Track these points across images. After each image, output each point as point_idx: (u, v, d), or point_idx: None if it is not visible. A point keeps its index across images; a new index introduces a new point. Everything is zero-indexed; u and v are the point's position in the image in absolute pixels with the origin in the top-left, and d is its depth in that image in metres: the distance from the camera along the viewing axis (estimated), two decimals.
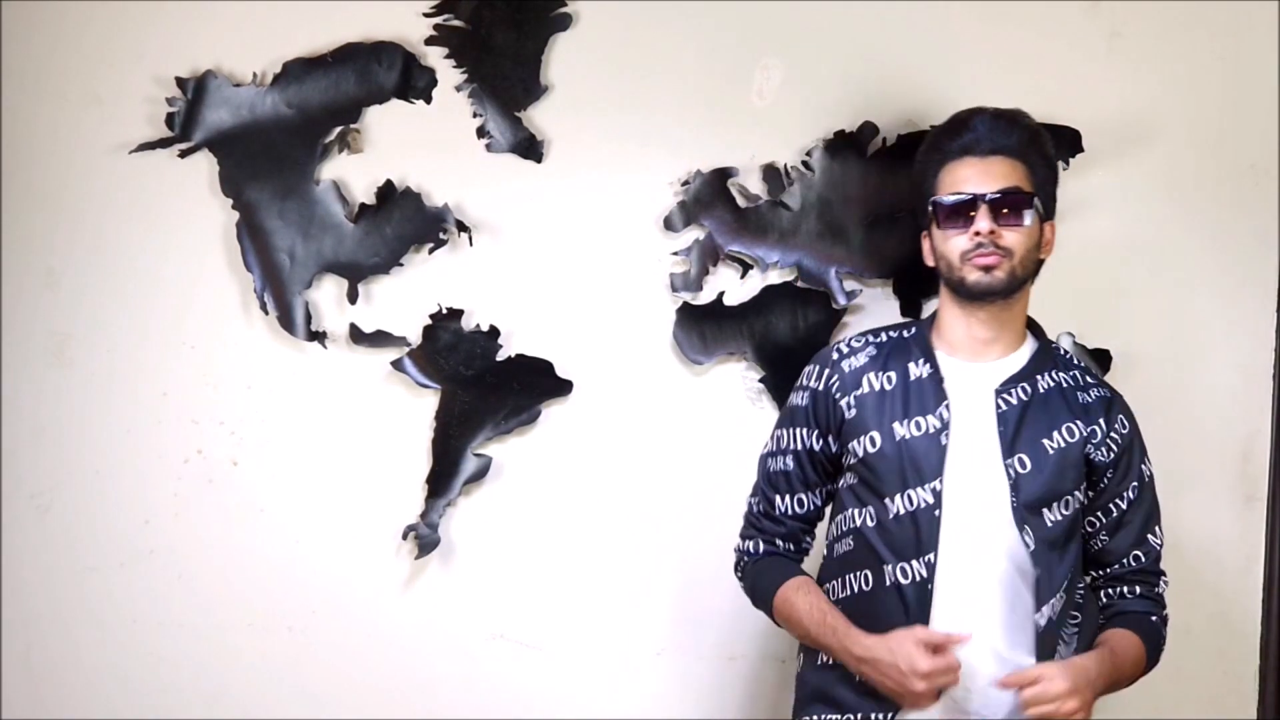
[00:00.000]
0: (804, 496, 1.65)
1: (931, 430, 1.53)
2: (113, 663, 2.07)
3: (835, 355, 1.64)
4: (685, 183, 1.99)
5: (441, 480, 2.02)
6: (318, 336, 2.03)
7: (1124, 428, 1.60)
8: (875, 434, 1.55)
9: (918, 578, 1.50)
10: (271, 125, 2.01)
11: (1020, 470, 1.52)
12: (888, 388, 1.58)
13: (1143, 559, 1.62)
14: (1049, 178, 1.62)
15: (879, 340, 1.65)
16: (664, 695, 2.02)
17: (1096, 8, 1.97)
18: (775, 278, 2.00)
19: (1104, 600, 1.64)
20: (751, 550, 1.68)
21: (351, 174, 2.02)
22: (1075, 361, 1.67)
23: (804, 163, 1.99)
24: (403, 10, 2.00)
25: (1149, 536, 1.62)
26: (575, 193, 2.02)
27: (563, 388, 2.01)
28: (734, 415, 2.01)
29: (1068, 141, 1.95)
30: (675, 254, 2.00)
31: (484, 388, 2.01)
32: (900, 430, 1.54)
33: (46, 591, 2.08)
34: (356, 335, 2.02)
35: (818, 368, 1.65)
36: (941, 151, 1.60)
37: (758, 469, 1.70)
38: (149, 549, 2.07)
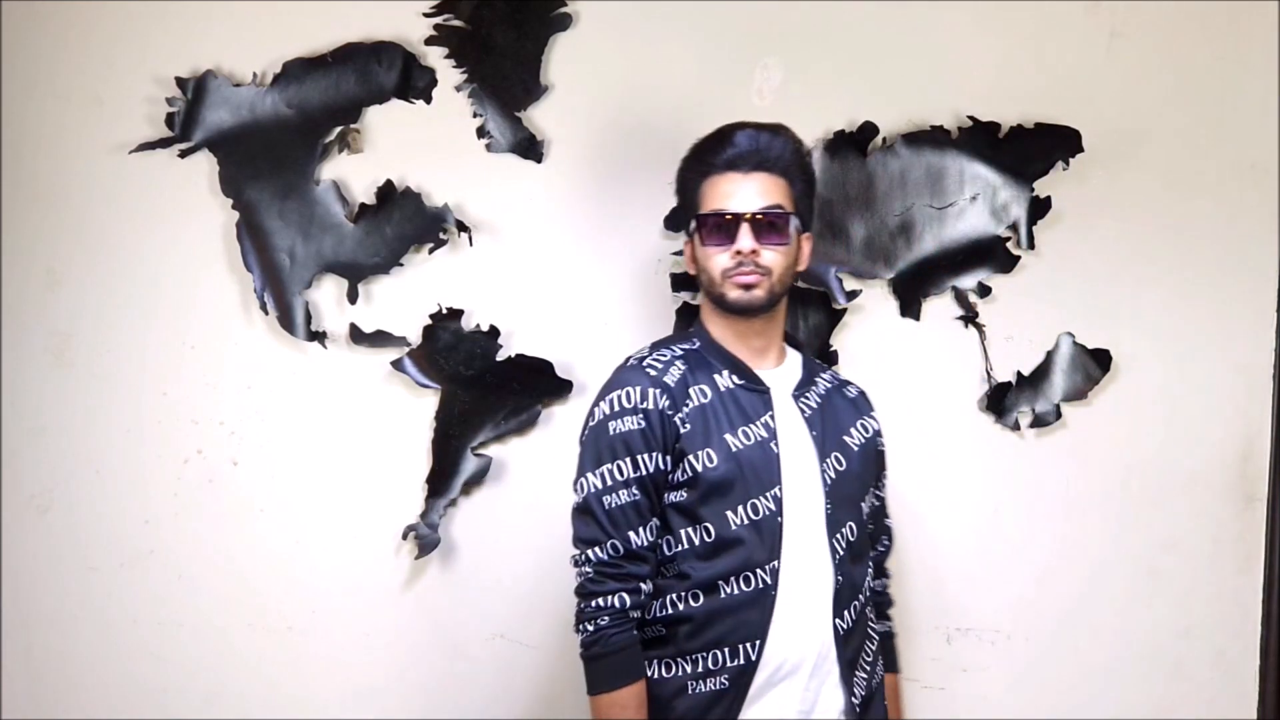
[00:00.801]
0: (654, 523, 1.54)
1: (759, 439, 1.53)
2: (113, 663, 2.07)
3: (652, 371, 1.56)
4: None
5: (441, 480, 2.02)
6: (318, 336, 2.03)
7: (876, 421, 1.71)
8: (710, 449, 1.51)
9: (762, 584, 1.49)
10: (271, 125, 2.02)
11: (836, 470, 1.57)
12: (704, 401, 1.54)
13: (888, 543, 1.74)
14: (807, 191, 1.64)
15: (677, 353, 1.60)
16: None
17: (1096, 8, 1.97)
18: None
19: (875, 589, 1.71)
20: (616, 605, 1.50)
21: (351, 174, 2.03)
22: (822, 364, 1.77)
23: None
24: (403, 10, 2.00)
25: (887, 522, 1.74)
26: (575, 193, 2.02)
27: (563, 388, 2.01)
28: None
29: (1068, 141, 1.95)
30: (675, 254, 2.00)
31: (484, 388, 2.01)
32: (733, 442, 1.52)
33: (47, 591, 2.08)
34: (356, 335, 2.02)
35: (640, 388, 1.53)
36: (705, 164, 1.61)
37: (583, 519, 1.53)
38: (149, 549, 2.07)
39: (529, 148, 2.01)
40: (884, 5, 1.98)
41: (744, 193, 1.56)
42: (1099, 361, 1.98)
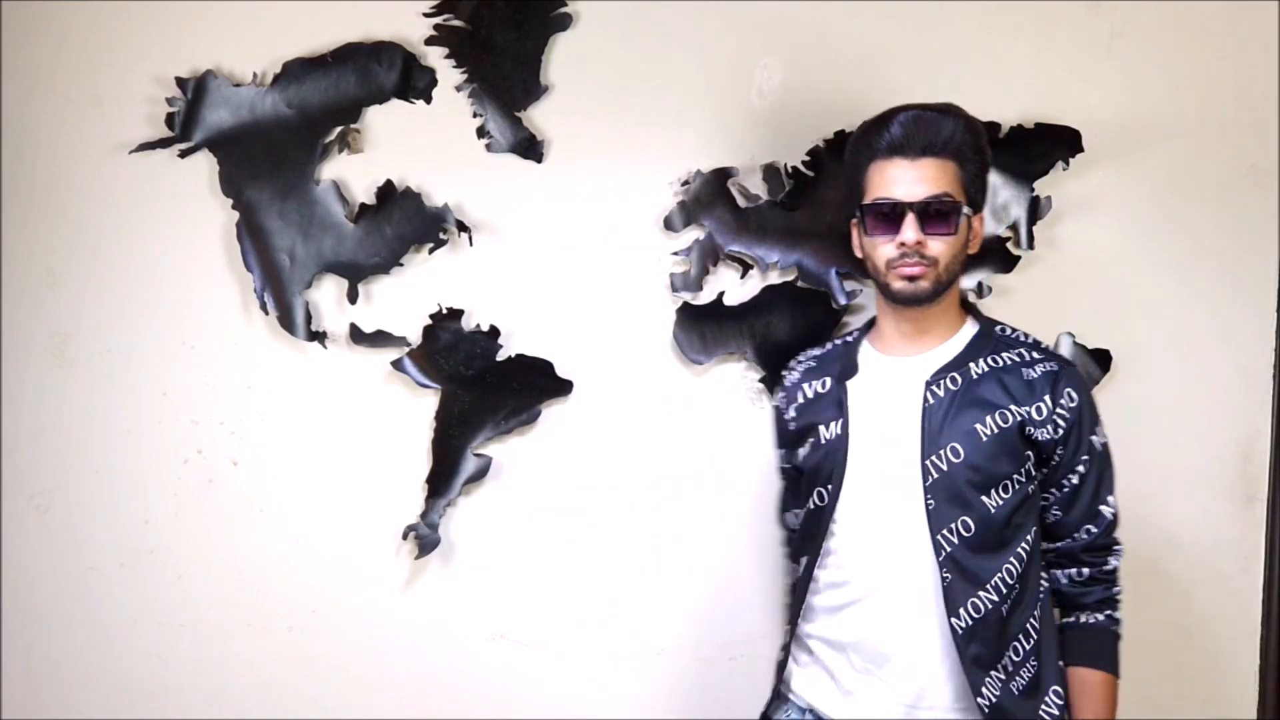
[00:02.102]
0: (797, 511, 1.72)
1: (837, 434, 1.59)
2: (113, 663, 2.07)
3: (785, 372, 1.78)
4: (685, 183, 1.99)
5: (441, 480, 2.02)
6: (318, 336, 2.03)
7: (1072, 400, 1.55)
8: (810, 441, 1.63)
9: (806, 571, 1.62)
10: (271, 125, 2.01)
11: (950, 463, 1.51)
12: (811, 396, 1.66)
13: (1094, 530, 1.60)
14: (980, 172, 1.59)
15: (823, 350, 1.75)
16: (664, 695, 2.02)
17: (1096, 8, 1.97)
18: (775, 278, 2.00)
19: (1063, 583, 1.61)
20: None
21: (351, 174, 2.03)
22: (1022, 338, 1.63)
23: (804, 163, 1.99)
24: (403, 10, 2.00)
25: (1101, 508, 1.60)
26: (575, 193, 2.02)
27: (563, 388, 2.01)
28: (734, 415, 2.01)
29: (1068, 141, 1.95)
30: (675, 254, 2.00)
31: (484, 388, 2.01)
32: (824, 434, 1.61)
33: (46, 591, 2.08)
34: (356, 335, 2.02)
35: (778, 390, 1.77)
36: (872, 148, 1.57)
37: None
38: (149, 549, 2.07)
39: (529, 148, 2.01)
40: (884, 5, 1.98)
41: (910, 180, 1.52)
42: (1099, 361, 1.98)
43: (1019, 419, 1.53)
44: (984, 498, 1.51)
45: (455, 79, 2.01)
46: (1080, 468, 1.57)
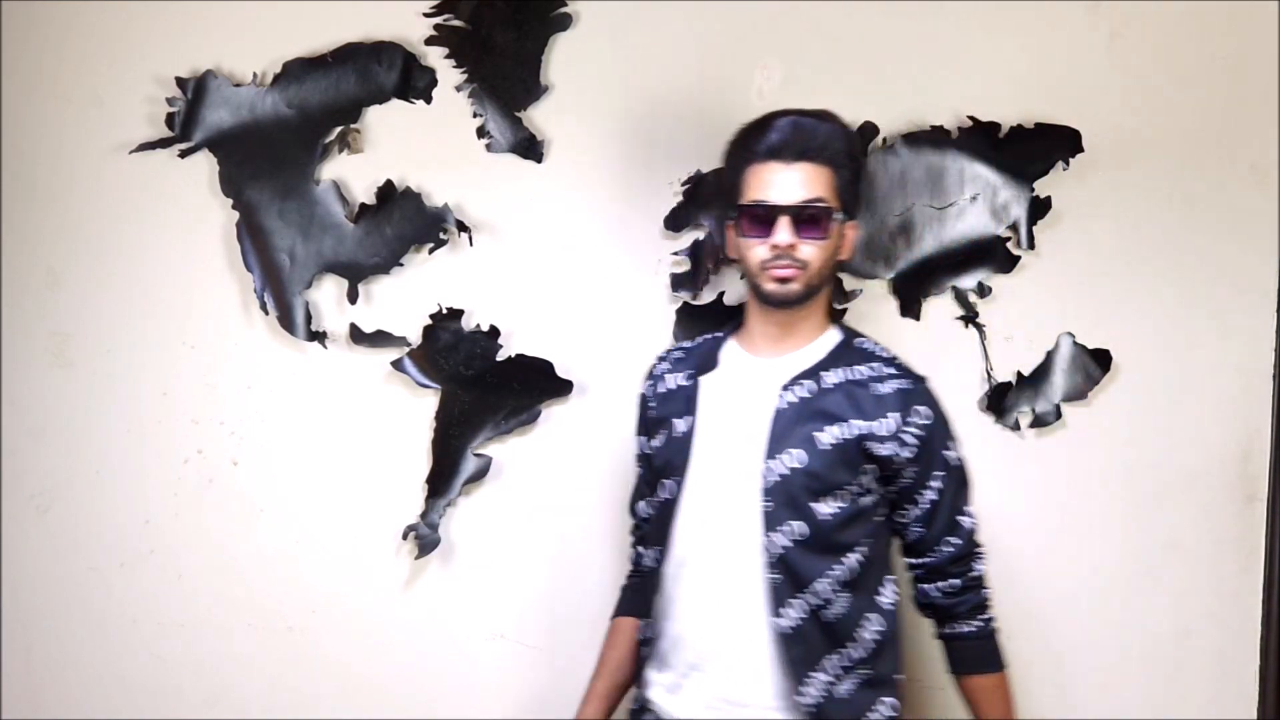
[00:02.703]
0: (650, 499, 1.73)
1: (687, 428, 1.61)
2: (113, 663, 2.07)
3: (653, 363, 1.77)
4: (686, 183, 1.99)
5: (441, 480, 2.02)
6: (318, 336, 2.03)
7: (923, 418, 1.56)
8: (662, 432, 1.65)
9: (654, 563, 1.64)
10: (271, 125, 2.01)
11: (790, 468, 1.52)
12: (682, 385, 1.67)
13: (957, 542, 1.60)
14: (854, 179, 1.61)
15: (695, 343, 1.75)
16: None
17: (1096, 8, 1.97)
18: None
19: (935, 596, 1.63)
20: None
21: (351, 174, 2.02)
22: (880, 353, 1.63)
23: None
24: (403, 10, 2.00)
25: (959, 519, 1.61)
26: (575, 193, 2.02)
27: (563, 388, 2.01)
28: None
29: (1068, 142, 1.95)
30: (675, 254, 2.00)
31: (484, 388, 2.01)
32: (677, 426, 1.63)
33: (47, 591, 2.08)
34: (356, 335, 2.02)
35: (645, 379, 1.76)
36: (748, 151, 1.58)
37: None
38: (149, 549, 2.07)
39: (529, 148, 2.01)
40: (884, 5, 1.98)
41: (785, 184, 1.54)
42: (1099, 361, 1.98)
43: (860, 432, 1.54)
44: (817, 504, 1.52)
45: (455, 79, 2.01)
46: (936, 484, 1.58)
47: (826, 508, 1.53)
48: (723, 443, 1.58)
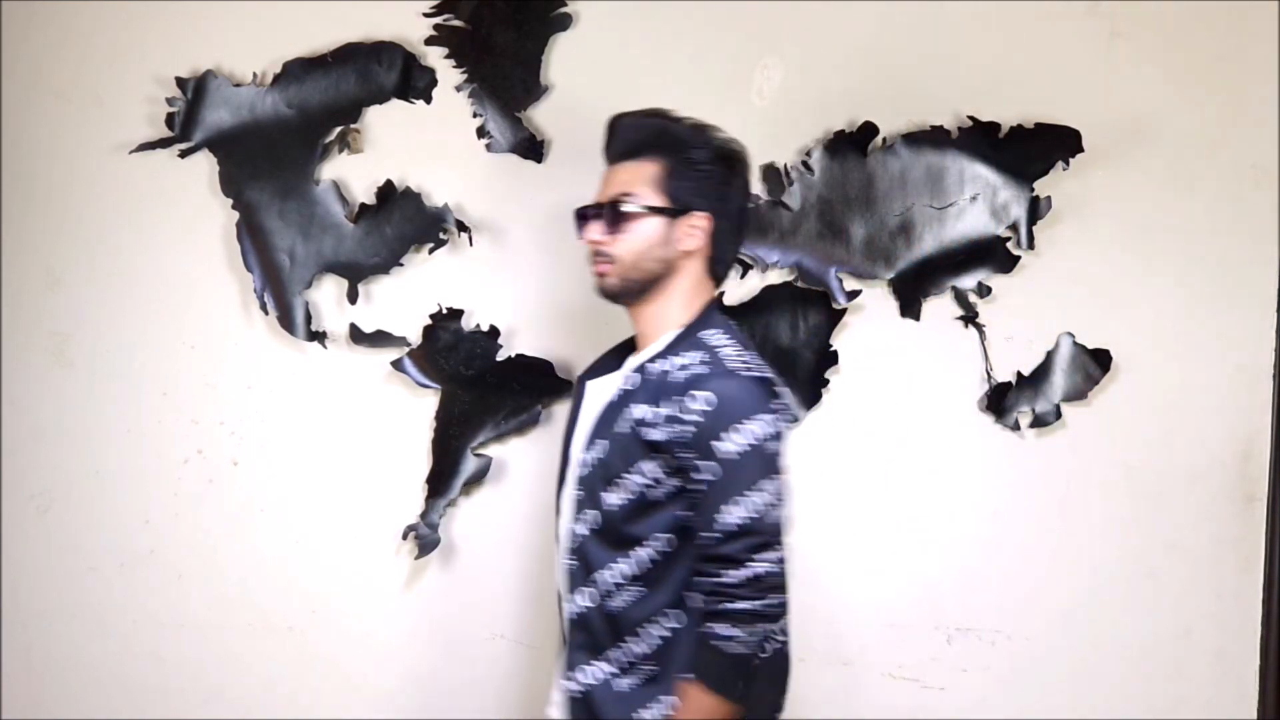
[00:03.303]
0: None
1: (567, 430, 1.64)
2: (113, 663, 2.07)
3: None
4: None
5: (441, 480, 2.02)
6: (318, 336, 2.03)
7: (704, 404, 1.45)
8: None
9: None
10: (271, 125, 2.01)
11: (597, 458, 1.53)
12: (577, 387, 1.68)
13: (715, 538, 1.46)
14: (685, 171, 1.55)
15: (614, 346, 1.70)
16: None
17: (1096, 8, 1.97)
18: (775, 278, 2.00)
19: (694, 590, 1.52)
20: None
21: (351, 174, 2.03)
22: (713, 343, 1.53)
23: (804, 163, 1.99)
24: (403, 10, 2.00)
25: (721, 517, 1.45)
26: (575, 193, 2.01)
27: (563, 388, 2.01)
28: None
29: (1068, 142, 1.95)
30: None
31: (484, 388, 2.01)
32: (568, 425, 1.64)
33: (47, 591, 2.08)
34: (356, 335, 2.02)
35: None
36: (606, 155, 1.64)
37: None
38: (149, 549, 2.07)
39: (529, 148, 2.01)
40: (884, 5, 1.98)
41: (605, 184, 1.59)
42: (1099, 361, 1.98)
43: (635, 418, 1.49)
44: (606, 494, 1.52)
45: (455, 79, 2.01)
46: (707, 474, 1.46)
47: (614, 498, 1.51)
48: (577, 440, 1.61)
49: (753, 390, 1.47)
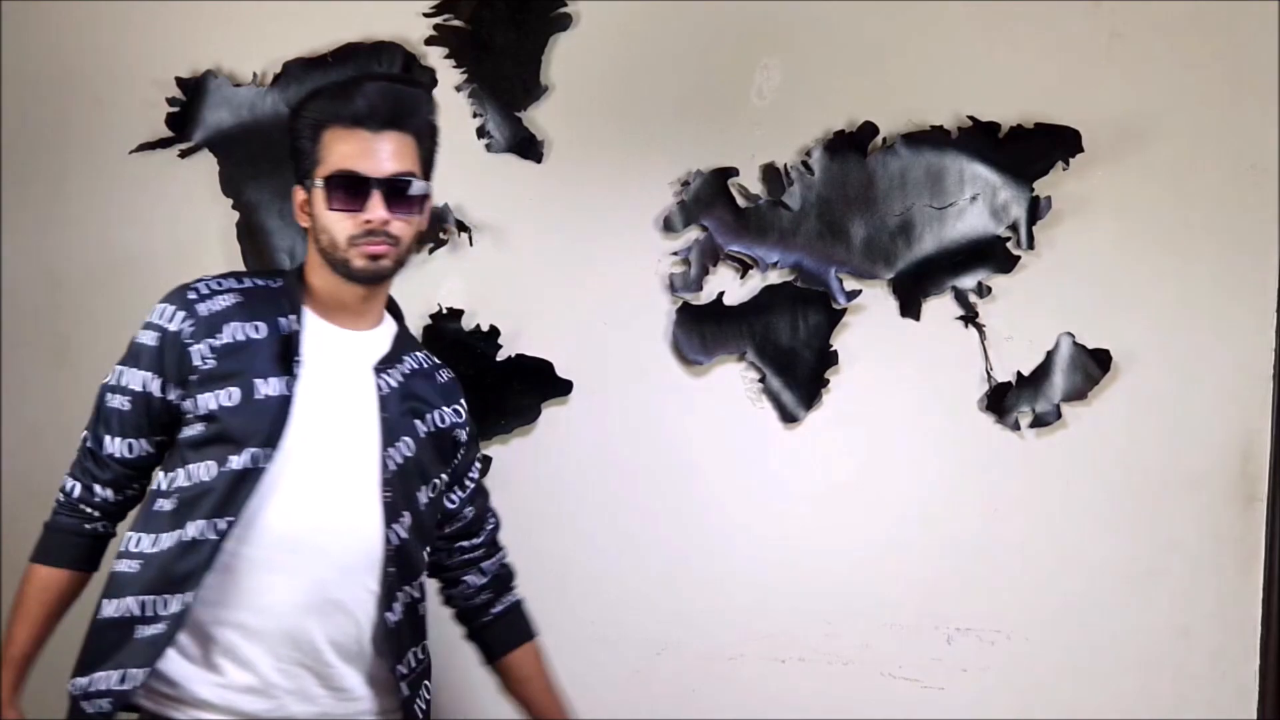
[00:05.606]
0: (134, 442, 1.50)
1: (280, 392, 1.45)
2: None
3: (191, 296, 1.50)
4: (685, 183, 1.99)
5: None
6: None
7: (464, 405, 1.64)
8: (235, 388, 1.44)
9: (213, 536, 1.41)
10: (271, 125, 2.01)
11: (404, 456, 1.49)
12: (255, 337, 1.47)
13: (495, 520, 1.72)
14: (433, 146, 1.52)
15: (243, 286, 1.53)
16: (664, 695, 2.02)
17: (1096, 8, 1.97)
18: (775, 278, 2.00)
19: (486, 574, 1.70)
20: (69, 492, 1.54)
21: None
22: (418, 342, 1.68)
23: (804, 163, 1.99)
24: (403, 10, 2.00)
25: (491, 504, 1.72)
26: (575, 193, 2.02)
27: (563, 388, 2.01)
28: (734, 415, 2.01)
29: (1068, 142, 1.95)
30: (675, 254, 2.00)
31: (484, 388, 2.01)
32: (263, 387, 1.44)
33: None
34: None
35: (171, 308, 1.49)
36: (329, 113, 1.45)
37: (97, 400, 1.53)
38: None
39: (529, 148, 2.01)
40: (884, 5, 1.98)
41: (375, 155, 1.43)
42: (1099, 361, 1.98)
43: (453, 421, 1.59)
44: (419, 494, 1.53)
45: (455, 79, 2.01)
46: (478, 463, 1.68)
47: (424, 497, 1.53)
48: (328, 419, 1.47)
49: None
